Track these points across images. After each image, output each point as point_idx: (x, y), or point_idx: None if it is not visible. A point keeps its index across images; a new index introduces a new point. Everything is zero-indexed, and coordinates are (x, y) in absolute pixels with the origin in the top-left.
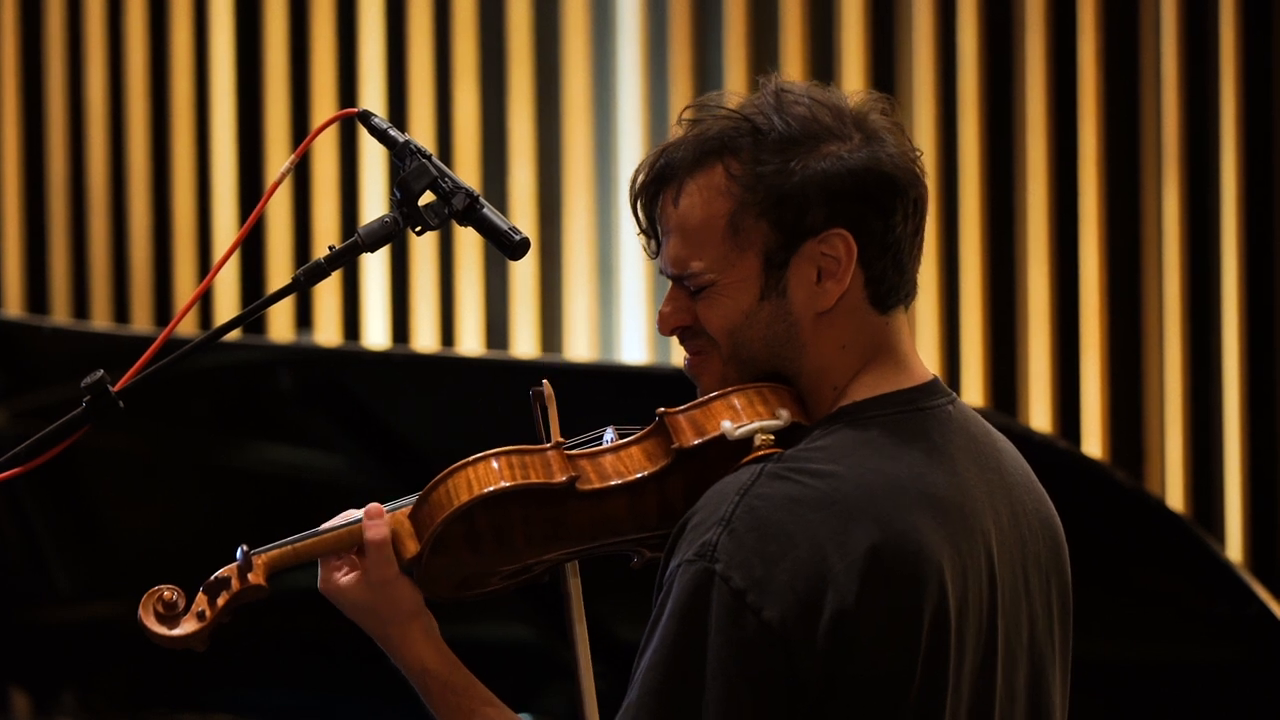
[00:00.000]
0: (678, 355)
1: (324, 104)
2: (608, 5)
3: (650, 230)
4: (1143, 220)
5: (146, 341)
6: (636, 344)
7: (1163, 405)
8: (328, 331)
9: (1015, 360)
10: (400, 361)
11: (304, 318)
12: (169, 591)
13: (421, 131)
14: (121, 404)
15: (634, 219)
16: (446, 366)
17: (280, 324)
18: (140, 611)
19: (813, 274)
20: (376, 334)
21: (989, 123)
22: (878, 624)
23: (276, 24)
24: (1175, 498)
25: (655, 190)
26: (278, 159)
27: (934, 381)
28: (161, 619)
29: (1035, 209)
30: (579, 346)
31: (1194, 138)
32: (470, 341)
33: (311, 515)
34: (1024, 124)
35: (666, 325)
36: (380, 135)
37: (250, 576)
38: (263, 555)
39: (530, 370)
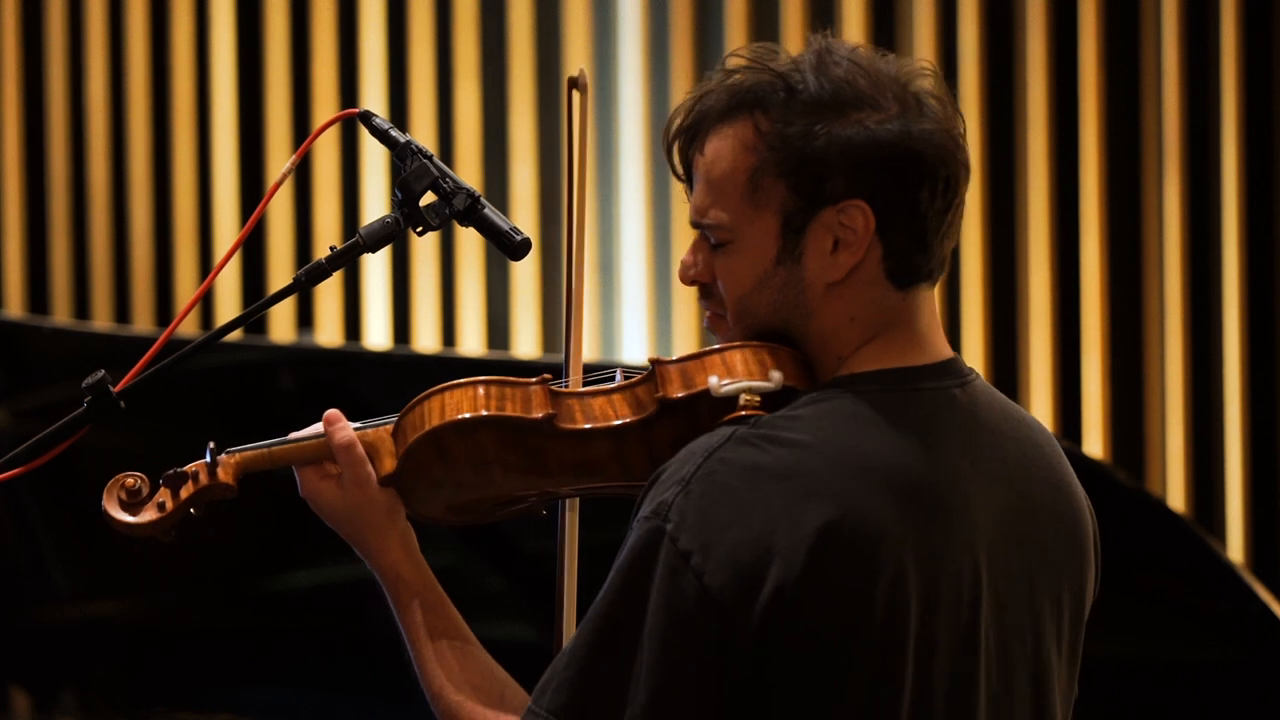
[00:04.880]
0: (680, 349)
1: (325, 104)
2: (609, 5)
3: (685, 176)
4: (1144, 218)
5: (147, 342)
6: (637, 344)
7: (1164, 404)
8: (329, 332)
9: (1016, 358)
10: (401, 362)
11: (305, 318)
12: (132, 479)
13: (422, 131)
14: (122, 404)
15: (669, 163)
16: (448, 367)
17: (281, 324)
18: (104, 498)
19: (829, 243)
20: (378, 334)
21: (990, 120)
22: (820, 603)
23: (277, 24)
24: (1176, 497)
25: (691, 135)
26: (279, 159)
27: (949, 361)
28: (124, 506)
29: (1036, 206)
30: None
31: (1195, 135)
32: (471, 342)
33: (312, 515)
34: (1025, 121)
35: (685, 275)
36: (381, 135)
37: (219, 473)
38: (235, 455)
39: (531, 371)
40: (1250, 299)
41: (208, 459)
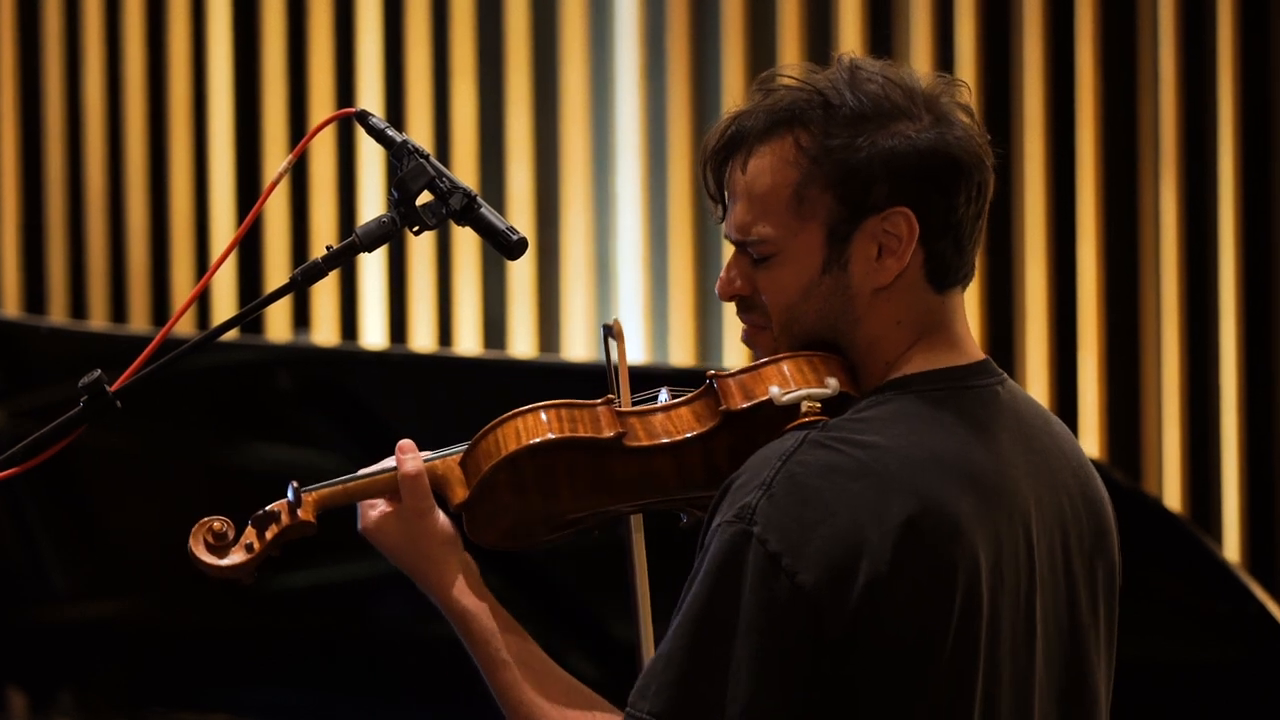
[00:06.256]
0: (676, 357)
1: (322, 104)
2: (605, 5)
3: (718, 195)
4: (1140, 220)
5: (144, 341)
6: (634, 344)
7: (1160, 405)
8: (325, 331)
9: (1013, 360)
10: (398, 361)
11: (301, 318)
12: (219, 522)
13: (419, 131)
14: (119, 404)
15: (704, 183)
16: (444, 366)
17: (278, 324)
18: (190, 541)
19: (873, 250)
20: (374, 334)
21: (986, 122)
22: (908, 595)
23: (274, 24)
24: (1173, 497)
25: (725, 156)
26: (276, 159)
27: (985, 362)
28: (211, 549)
29: (1033, 209)
30: (576, 347)
31: (1191, 137)
32: (468, 341)
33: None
34: (1022, 124)
35: (726, 291)
36: (378, 135)
37: (300, 513)
38: (313, 493)
39: (528, 371)
40: (1247, 300)
41: (291, 498)
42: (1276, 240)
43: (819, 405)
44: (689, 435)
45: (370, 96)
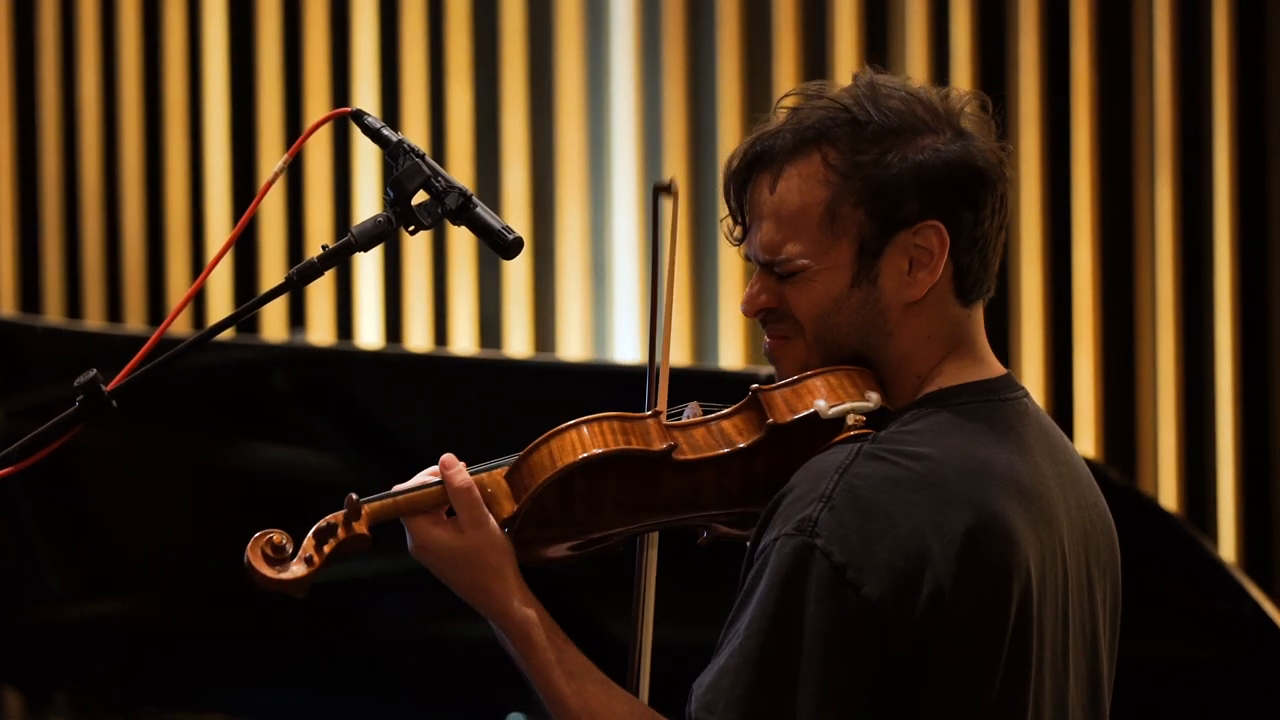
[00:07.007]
0: (671, 356)
1: (317, 103)
2: (601, 4)
3: (739, 215)
4: (1136, 217)
5: (140, 341)
6: (629, 344)
7: (1155, 404)
8: (321, 331)
9: (1008, 359)
10: (393, 361)
11: (297, 317)
12: (278, 535)
13: (415, 130)
14: (114, 403)
15: (726, 202)
16: (439, 366)
17: (273, 323)
18: (248, 553)
19: (904, 264)
20: (369, 333)
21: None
22: (971, 605)
23: (270, 23)
24: (1168, 496)
25: (748, 175)
26: (271, 158)
27: (1008, 375)
28: (270, 561)
29: (1028, 206)
30: (572, 346)
31: (1187, 134)
32: (463, 341)
33: (306, 515)
34: (1017, 122)
35: (753, 306)
36: (373, 134)
37: (355, 525)
38: (366, 505)
39: (523, 370)
40: (1242, 298)
41: (347, 509)
42: (1272, 237)
43: (864, 418)
44: (737, 447)
45: (366, 96)
